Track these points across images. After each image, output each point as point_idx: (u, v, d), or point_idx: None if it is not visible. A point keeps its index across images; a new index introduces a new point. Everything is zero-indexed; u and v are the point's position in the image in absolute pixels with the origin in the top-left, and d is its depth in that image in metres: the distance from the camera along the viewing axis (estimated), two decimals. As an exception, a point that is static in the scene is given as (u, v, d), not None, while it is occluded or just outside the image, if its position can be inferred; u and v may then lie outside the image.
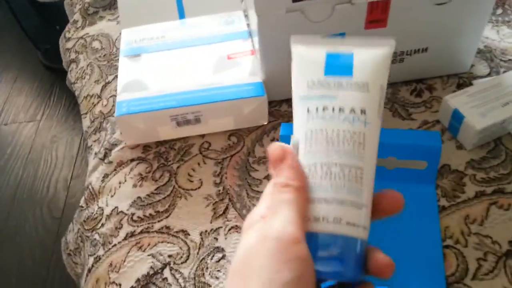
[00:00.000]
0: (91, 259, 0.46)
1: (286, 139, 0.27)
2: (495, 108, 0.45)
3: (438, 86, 0.53)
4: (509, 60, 0.55)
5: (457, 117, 0.46)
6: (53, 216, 1.21)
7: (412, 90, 0.53)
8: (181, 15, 0.59)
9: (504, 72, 0.51)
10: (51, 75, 1.57)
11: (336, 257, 0.23)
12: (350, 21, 0.46)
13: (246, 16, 0.59)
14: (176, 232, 0.44)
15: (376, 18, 0.46)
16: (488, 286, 0.37)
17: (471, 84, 0.52)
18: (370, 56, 0.25)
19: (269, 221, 0.22)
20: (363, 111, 0.24)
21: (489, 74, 0.53)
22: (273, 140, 0.50)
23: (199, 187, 0.47)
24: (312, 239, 0.23)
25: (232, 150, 0.50)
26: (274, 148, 0.25)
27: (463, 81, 0.53)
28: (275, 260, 0.21)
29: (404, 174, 0.44)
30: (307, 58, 0.26)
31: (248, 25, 0.57)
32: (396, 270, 0.39)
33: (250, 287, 0.20)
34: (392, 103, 0.52)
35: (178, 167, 0.49)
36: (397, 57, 0.50)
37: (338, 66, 0.25)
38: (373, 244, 0.40)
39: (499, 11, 0.62)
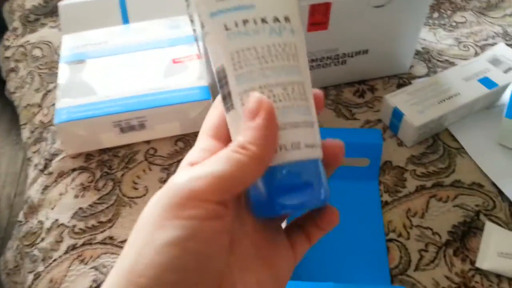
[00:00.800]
0: (31, 276, 0.43)
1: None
2: (433, 105, 0.47)
3: (379, 86, 0.54)
4: (446, 60, 0.58)
5: (397, 115, 0.48)
6: (-4, 235, 1.14)
7: (355, 91, 0.54)
8: (125, 20, 0.58)
9: (441, 71, 0.53)
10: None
11: (303, 185, 0.21)
12: (291, 24, 0.46)
13: (191, 21, 0.58)
14: (120, 242, 0.42)
15: (318, 21, 0.47)
16: (430, 276, 0.39)
17: (410, 84, 0.54)
18: None
19: (187, 170, 0.20)
20: (287, 19, 0.21)
21: (427, 74, 0.56)
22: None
23: (144, 195, 0.46)
24: (271, 175, 0.20)
25: (180, 156, 0.49)
26: (252, 100, 0.20)
27: (403, 81, 0.55)
28: (162, 215, 0.18)
29: (347, 171, 0.45)
30: None
31: (194, 30, 0.57)
32: (341, 265, 0.40)
33: (136, 242, 0.18)
34: (336, 104, 0.53)
35: (122, 175, 0.47)
36: (339, 59, 0.51)
37: None
38: (320, 242, 0.41)
39: (436, 15, 0.65)
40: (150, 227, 0.18)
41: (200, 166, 0.20)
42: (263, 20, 0.21)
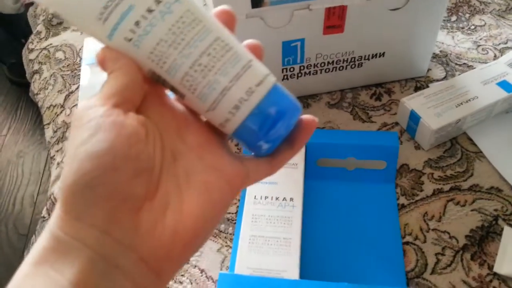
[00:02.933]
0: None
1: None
2: (450, 109, 0.47)
3: (396, 89, 0.54)
4: (464, 63, 0.57)
5: (414, 118, 0.47)
6: (19, 233, 1.17)
7: (371, 94, 0.54)
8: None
9: (459, 75, 0.53)
10: (17, 90, 1.54)
11: (280, 112, 0.22)
12: (308, 27, 0.47)
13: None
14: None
15: (334, 24, 0.47)
16: (447, 279, 0.38)
17: (428, 87, 0.54)
18: None
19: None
20: None
21: (445, 78, 0.56)
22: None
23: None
24: (248, 125, 0.22)
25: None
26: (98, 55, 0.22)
27: (420, 84, 0.55)
28: (72, 130, 0.20)
29: (364, 174, 0.45)
30: None
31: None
32: (357, 266, 0.40)
33: (65, 158, 0.19)
34: (353, 106, 0.53)
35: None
36: (356, 62, 0.52)
37: None
38: (333, 242, 0.41)
39: (454, 18, 0.64)
40: (68, 147, 0.19)
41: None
42: (149, 10, 0.21)
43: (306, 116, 0.24)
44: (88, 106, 0.20)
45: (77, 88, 0.61)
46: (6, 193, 1.26)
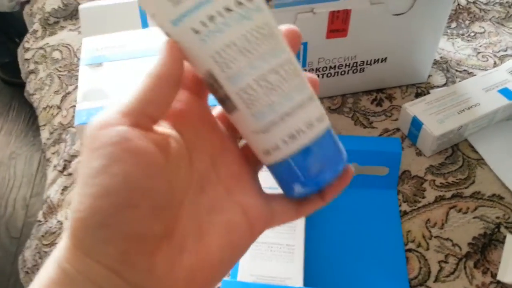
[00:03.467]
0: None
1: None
2: (452, 115, 0.47)
3: (397, 95, 0.54)
4: (464, 70, 0.57)
5: (416, 124, 0.47)
6: (11, 236, 1.15)
7: (373, 99, 0.54)
8: (144, 25, 0.59)
9: (460, 81, 0.53)
10: (10, 90, 1.51)
11: (326, 158, 0.21)
12: (312, 31, 0.46)
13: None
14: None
15: (337, 28, 0.47)
16: (450, 287, 0.38)
17: (428, 93, 0.54)
18: None
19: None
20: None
21: (445, 84, 0.56)
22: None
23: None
24: (298, 159, 0.20)
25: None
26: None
27: (421, 90, 0.55)
28: (83, 154, 0.18)
29: (366, 180, 0.44)
30: None
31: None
32: (359, 274, 0.39)
33: (77, 186, 0.18)
34: (354, 112, 0.53)
35: (140, 178, 0.48)
36: (358, 67, 0.51)
37: None
38: (336, 249, 0.41)
39: (454, 24, 0.65)
40: (80, 172, 0.18)
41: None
42: (228, 9, 0.19)
43: (346, 166, 0.22)
44: (102, 124, 0.18)
45: (74, 89, 0.60)
46: (-2, 195, 1.24)
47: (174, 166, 0.19)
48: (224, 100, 0.20)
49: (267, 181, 0.23)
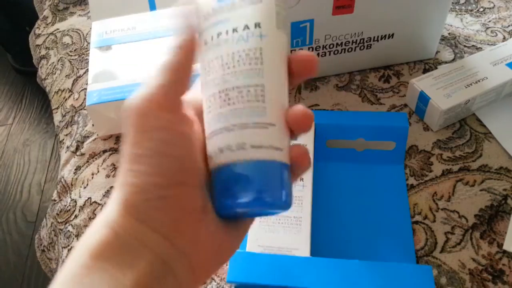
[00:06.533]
0: (65, 251, 0.45)
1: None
2: (459, 89, 0.47)
3: (405, 72, 0.54)
4: (472, 46, 0.57)
5: (423, 99, 0.47)
6: (27, 220, 1.18)
7: (380, 76, 0.54)
8: (152, 7, 0.59)
9: (468, 56, 0.53)
10: (22, 78, 1.54)
11: (253, 185, 0.20)
12: (318, 7, 0.46)
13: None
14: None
15: (343, 4, 0.47)
16: (456, 257, 0.39)
17: (436, 69, 0.54)
18: None
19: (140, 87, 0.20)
20: (257, 25, 0.22)
21: (453, 60, 0.55)
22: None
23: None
24: (220, 175, 0.21)
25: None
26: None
27: (429, 66, 0.55)
28: (132, 132, 0.19)
29: (373, 155, 0.45)
30: None
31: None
32: (367, 244, 0.40)
33: (120, 163, 0.19)
34: (361, 89, 0.53)
35: (151, 156, 0.49)
36: (365, 43, 0.51)
37: None
38: (343, 221, 0.41)
39: (462, 0, 0.64)
40: (128, 149, 0.19)
41: (141, 86, 0.20)
42: (234, 30, 0.22)
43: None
44: (150, 105, 0.19)
45: (85, 72, 0.61)
46: (14, 181, 1.27)
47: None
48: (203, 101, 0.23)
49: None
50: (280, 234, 0.38)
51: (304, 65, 0.22)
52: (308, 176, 0.41)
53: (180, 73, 0.20)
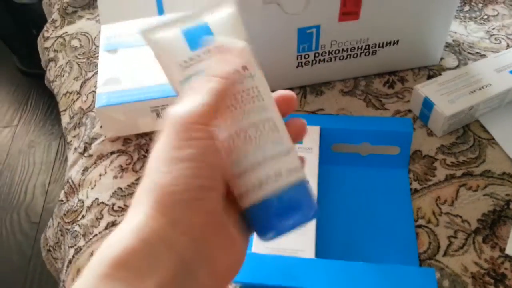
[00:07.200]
0: (72, 251, 0.46)
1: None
2: (463, 96, 0.48)
3: (409, 77, 0.55)
4: (476, 53, 0.58)
5: (427, 104, 0.48)
6: (31, 221, 1.19)
7: (385, 81, 0.55)
8: (160, 12, 0.60)
9: (472, 63, 0.53)
10: (28, 80, 1.55)
11: (294, 207, 0.23)
12: (324, 13, 0.47)
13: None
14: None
15: (350, 11, 0.48)
16: (459, 261, 0.39)
17: (440, 75, 0.54)
18: (221, 18, 0.25)
19: (178, 103, 0.22)
20: (244, 68, 0.24)
21: (457, 67, 0.56)
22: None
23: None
24: (264, 206, 0.23)
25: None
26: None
27: (433, 73, 0.55)
28: (174, 138, 0.21)
29: (378, 159, 0.45)
30: (165, 42, 0.25)
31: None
32: (371, 247, 0.41)
33: (156, 166, 0.21)
34: (366, 94, 0.53)
35: (158, 158, 0.49)
36: (370, 49, 0.52)
37: (199, 38, 0.24)
38: (348, 224, 0.42)
39: (466, 8, 0.65)
40: (166, 153, 0.21)
41: (188, 96, 0.23)
42: None
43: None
44: (191, 118, 0.21)
45: (93, 75, 0.62)
46: (18, 182, 1.27)
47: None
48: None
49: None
50: (286, 235, 0.38)
51: (285, 102, 0.25)
52: (313, 179, 0.42)
53: (219, 101, 0.22)
